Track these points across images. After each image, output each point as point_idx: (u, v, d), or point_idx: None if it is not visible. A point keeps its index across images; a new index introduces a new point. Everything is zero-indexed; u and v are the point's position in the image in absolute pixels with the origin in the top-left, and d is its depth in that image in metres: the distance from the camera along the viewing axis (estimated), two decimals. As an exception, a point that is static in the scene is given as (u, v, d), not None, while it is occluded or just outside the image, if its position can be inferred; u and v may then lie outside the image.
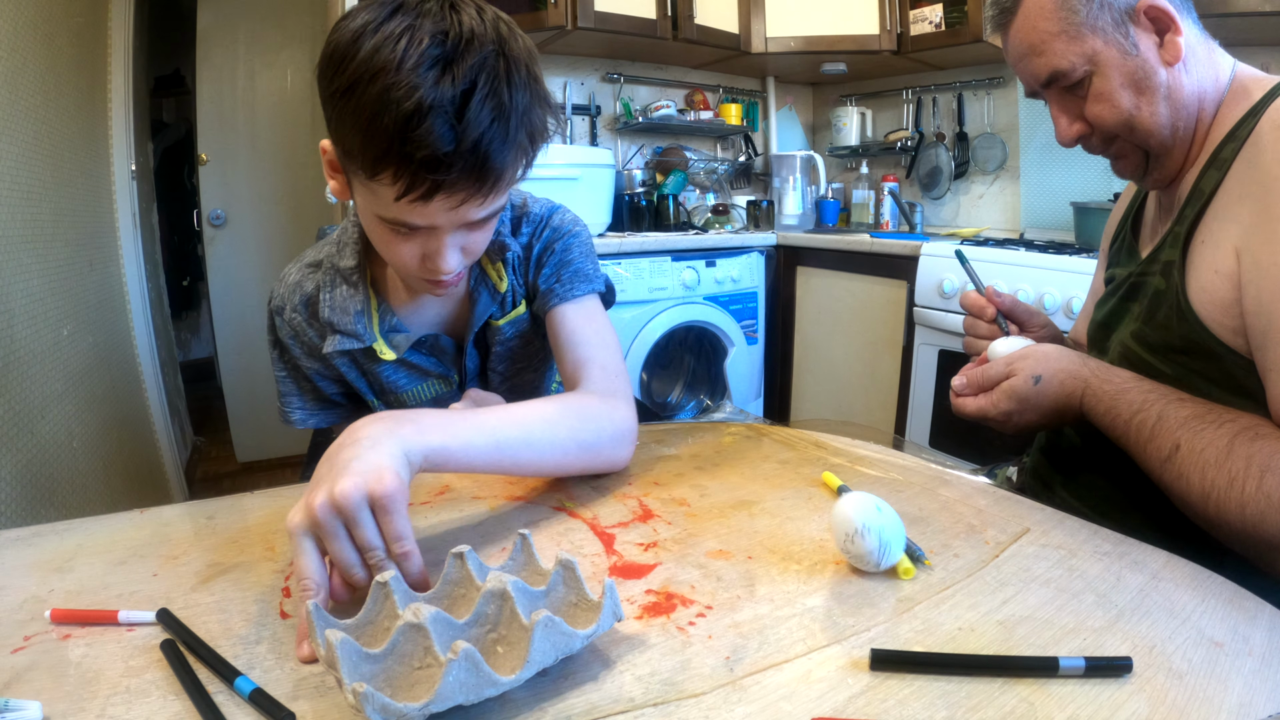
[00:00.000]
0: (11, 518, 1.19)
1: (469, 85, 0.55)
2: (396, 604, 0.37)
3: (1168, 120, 0.65)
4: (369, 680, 0.33)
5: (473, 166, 0.56)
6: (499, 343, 0.81)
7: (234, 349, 2.79)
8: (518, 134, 0.58)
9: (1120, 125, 0.66)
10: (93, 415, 1.70)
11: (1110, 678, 0.35)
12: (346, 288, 0.75)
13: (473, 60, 0.55)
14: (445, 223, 0.61)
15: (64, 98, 1.72)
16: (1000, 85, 2.44)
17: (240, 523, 0.54)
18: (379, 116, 0.54)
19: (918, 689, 0.35)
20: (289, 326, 0.79)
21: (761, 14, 2.47)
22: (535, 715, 0.33)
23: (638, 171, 2.61)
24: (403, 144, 0.54)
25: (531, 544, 0.43)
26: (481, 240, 0.67)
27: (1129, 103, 0.65)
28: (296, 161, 2.76)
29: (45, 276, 1.49)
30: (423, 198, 0.57)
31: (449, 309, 0.80)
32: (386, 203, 0.59)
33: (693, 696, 0.35)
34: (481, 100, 0.55)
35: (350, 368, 0.79)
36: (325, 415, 0.85)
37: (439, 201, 0.58)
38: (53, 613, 0.41)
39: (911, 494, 0.58)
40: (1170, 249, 0.66)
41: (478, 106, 0.55)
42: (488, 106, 0.55)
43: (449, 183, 0.57)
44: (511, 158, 0.59)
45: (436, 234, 0.62)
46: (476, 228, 0.65)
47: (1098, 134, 0.68)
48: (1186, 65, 0.65)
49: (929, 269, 1.88)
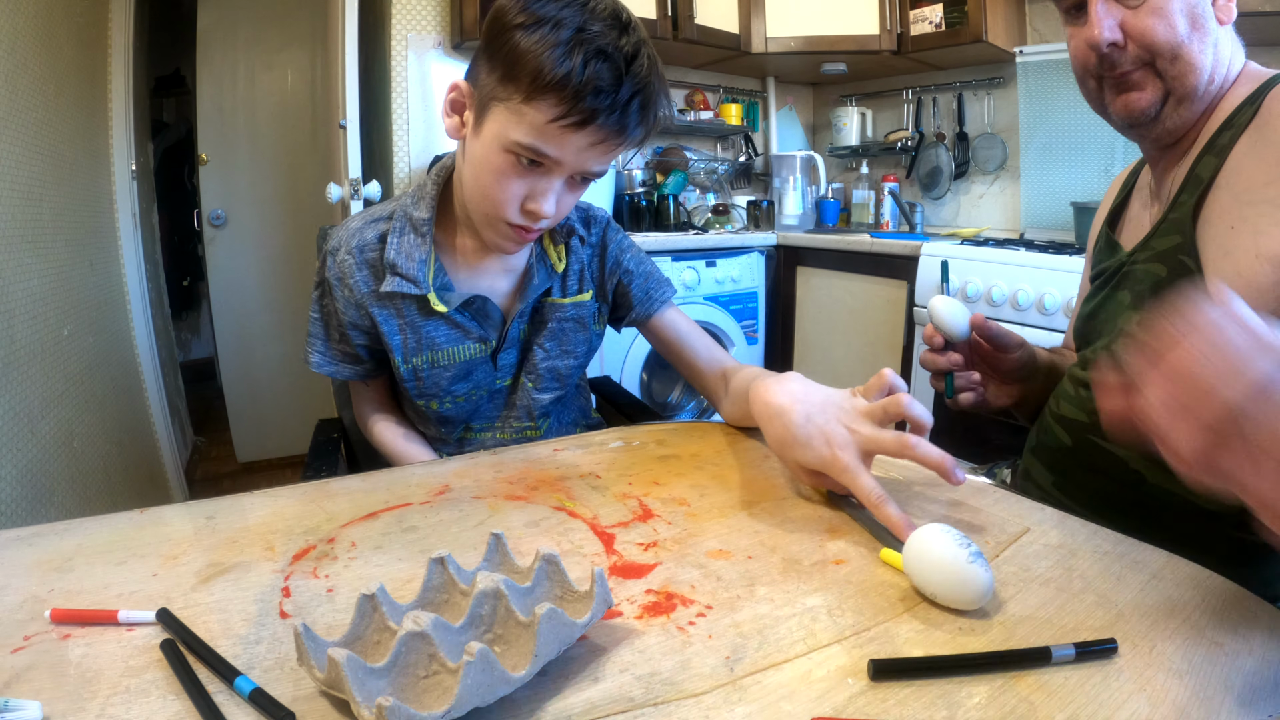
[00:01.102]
0: (11, 517, 1.19)
1: (635, 49, 0.67)
2: (385, 616, 0.37)
3: (1209, 67, 0.64)
4: (376, 695, 0.32)
5: (621, 113, 0.67)
6: (555, 319, 0.87)
7: (234, 349, 2.79)
8: (653, 106, 0.70)
9: (1168, 47, 0.63)
10: (93, 415, 1.70)
11: (1103, 665, 0.35)
12: (414, 236, 0.80)
13: (638, 38, 0.68)
14: (572, 161, 0.70)
15: (64, 98, 1.72)
16: (1000, 85, 2.44)
17: (240, 522, 0.54)
18: (562, 48, 0.64)
19: (917, 689, 0.35)
20: (339, 268, 0.82)
21: (761, 14, 2.47)
22: (535, 715, 0.33)
23: (638, 171, 2.61)
24: (583, 71, 0.64)
25: (505, 543, 0.43)
26: (571, 203, 0.76)
27: (1184, 30, 0.62)
28: (296, 161, 2.75)
29: (45, 276, 1.49)
30: (576, 124, 0.66)
31: (501, 281, 0.85)
32: (535, 126, 0.67)
33: (693, 696, 0.35)
34: (643, 63, 0.67)
35: (392, 318, 0.82)
36: (339, 368, 0.88)
37: (585, 134, 0.67)
38: (52, 612, 0.41)
39: (911, 494, 0.58)
40: (1164, 237, 0.65)
41: (640, 66, 0.67)
42: (643, 75, 0.67)
43: (599, 119, 0.66)
44: (644, 123, 0.70)
45: (552, 174, 0.71)
46: (577, 187, 0.74)
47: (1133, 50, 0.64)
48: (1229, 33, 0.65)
49: (929, 269, 1.88)
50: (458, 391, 0.86)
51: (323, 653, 0.33)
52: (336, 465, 1.01)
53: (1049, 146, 2.27)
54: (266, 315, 2.80)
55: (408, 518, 0.55)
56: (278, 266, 2.79)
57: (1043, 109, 2.25)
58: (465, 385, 0.86)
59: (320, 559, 0.49)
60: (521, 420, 0.90)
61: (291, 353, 2.80)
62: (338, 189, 1.75)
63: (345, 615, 0.42)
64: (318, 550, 0.50)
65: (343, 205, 1.76)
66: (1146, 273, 0.67)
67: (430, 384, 0.85)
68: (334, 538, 0.52)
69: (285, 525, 0.54)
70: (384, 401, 0.95)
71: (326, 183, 1.80)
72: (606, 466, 0.65)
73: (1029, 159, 2.35)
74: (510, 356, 0.87)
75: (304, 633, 0.34)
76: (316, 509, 0.57)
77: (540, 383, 0.88)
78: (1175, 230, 0.63)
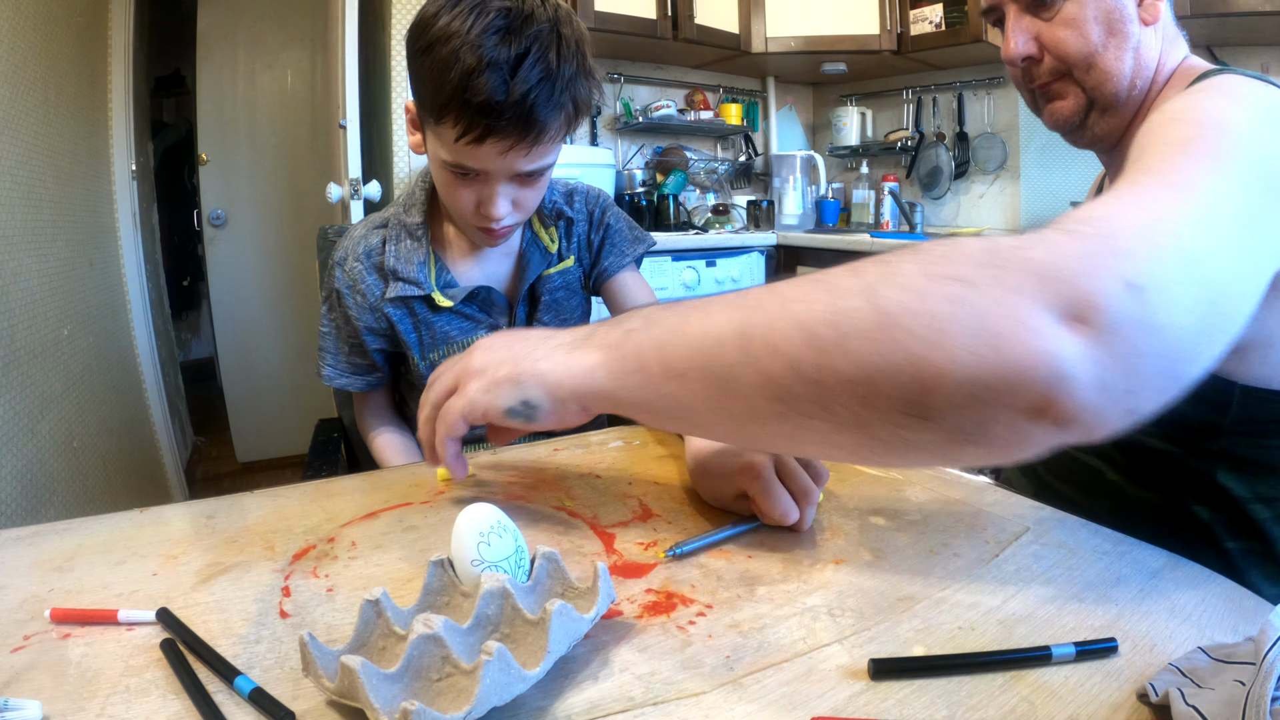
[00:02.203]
0: (11, 517, 1.19)
1: (523, 50, 0.66)
2: (391, 621, 0.36)
3: (1129, 73, 0.63)
4: (392, 701, 0.31)
5: (519, 117, 0.67)
6: (547, 292, 0.89)
7: (234, 349, 2.79)
8: (561, 96, 0.69)
9: (1081, 58, 0.63)
10: (93, 415, 1.70)
11: (1103, 664, 0.35)
12: (410, 241, 0.83)
13: (529, 31, 0.67)
14: (496, 168, 0.72)
15: (64, 98, 1.72)
16: (1000, 85, 2.44)
17: (240, 522, 0.54)
18: (448, 69, 0.66)
19: (918, 688, 0.35)
20: (348, 277, 0.85)
21: (761, 14, 2.47)
22: (535, 714, 0.33)
23: (638, 171, 2.61)
24: (464, 91, 0.65)
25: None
26: (531, 198, 0.78)
27: (1098, 38, 0.62)
28: (296, 161, 2.76)
29: (45, 276, 1.49)
30: (476, 140, 0.68)
31: (501, 267, 0.88)
32: (449, 145, 0.70)
33: (693, 695, 0.35)
34: (532, 63, 0.66)
35: (405, 317, 0.85)
36: (353, 379, 0.90)
37: (490, 145, 0.69)
38: (52, 612, 0.41)
39: (911, 493, 0.58)
40: None
41: (528, 68, 0.66)
42: (537, 68, 0.67)
43: (499, 128, 0.67)
44: (554, 115, 0.69)
45: (490, 181, 0.73)
46: (526, 183, 0.76)
47: (1049, 63, 0.65)
48: (1158, 32, 0.63)
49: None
50: None
51: (330, 662, 0.33)
52: (336, 465, 1.01)
53: (1049, 146, 2.28)
54: (266, 315, 2.80)
55: (408, 517, 0.55)
56: (278, 266, 2.79)
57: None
58: None
59: (320, 558, 0.49)
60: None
61: (292, 353, 2.80)
62: (338, 189, 1.75)
63: (345, 615, 0.42)
64: (318, 550, 0.50)
65: (343, 205, 1.76)
66: None
67: None
68: (334, 537, 0.52)
69: (285, 525, 0.54)
70: (386, 411, 0.96)
71: (326, 183, 1.80)
72: (606, 466, 0.65)
73: (1029, 159, 2.35)
74: None
75: (310, 642, 0.33)
76: (316, 508, 0.57)
77: None
78: None
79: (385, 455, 0.91)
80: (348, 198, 1.71)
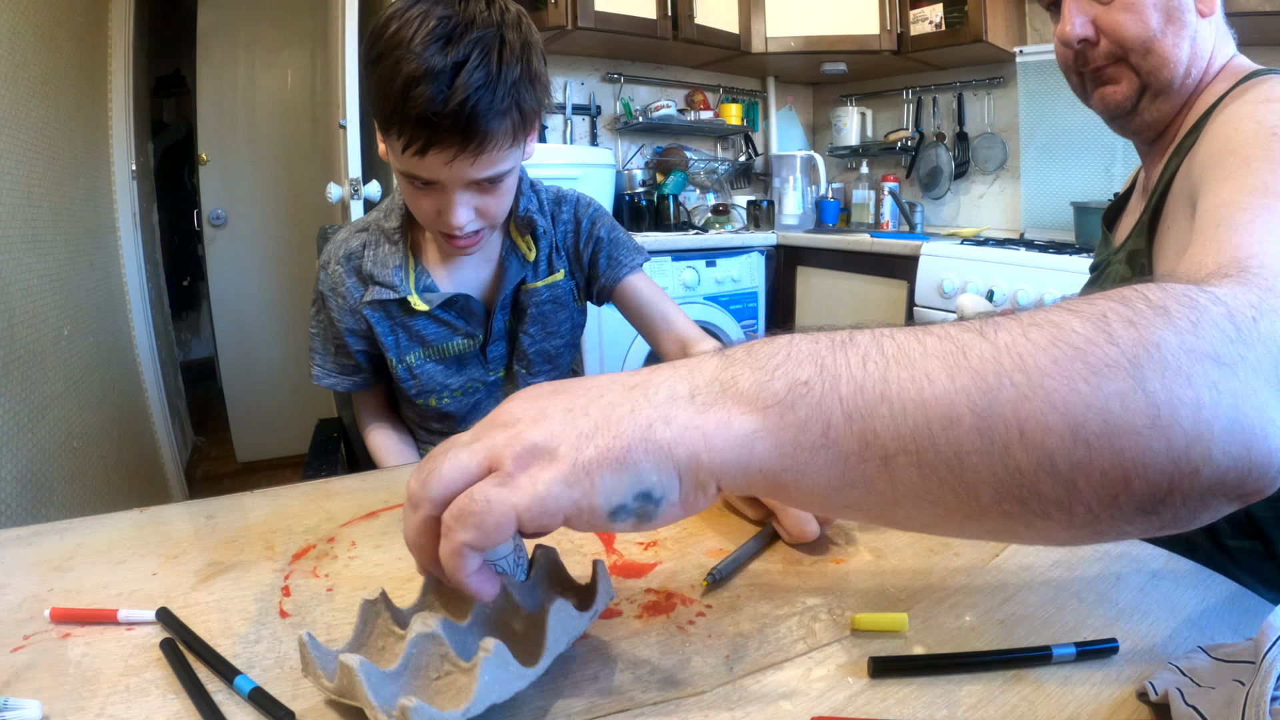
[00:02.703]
0: (11, 517, 1.19)
1: (462, 58, 0.65)
2: (389, 620, 0.36)
3: (1185, 60, 0.62)
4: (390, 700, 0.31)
5: (460, 126, 0.66)
6: (533, 304, 0.88)
7: (234, 349, 2.79)
8: (504, 102, 0.67)
9: (1139, 42, 0.62)
10: (93, 415, 1.70)
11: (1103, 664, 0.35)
12: (388, 245, 0.84)
13: (470, 37, 0.65)
14: (447, 178, 0.70)
15: (64, 98, 1.72)
16: (1000, 85, 2.44)
17: (240, 522, 0.54)
18: (390, 82, 0.65)
19: (918, 688, 0.35)
20: (330, 279, 0.85)
21: (761, 14, 2.47)
22: (534, 713, 0.33)
23: (638, 171, 2.61)
24: (403, 103, 0.64)
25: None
26: (494, 205, 0.76)
27: (1156, 24, 0.62)
28: (296, 161, 2.75)
29: (45, 276, 1.49)
30: (419, 151, 0.67)
31: (481, 275, 0.88)
32: (398, 156, 0.69)
33: (693, 695, 0.35)
34: (471, 69, 0.65)
35: (383, 320, 0.85)
36: (340, 380, 0.90)
37: (433, 155, 0.67)
38: (52, 611, 0.41)
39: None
40: (1136, 237, 0.64)
41: (467, 74, 0.64)
42: (477, 74, 0.65)
43: (439, 139, 0.66)
44: (498, 123, 0.67)
45: (446, 190, 0.72)
46: (486, 190, 0.74)
47: (1105, 46, 0.64)
48: (1212, 25, 0.63)
49: (929, 269, 1.88)
50: (454, 385, 0.88)
51: (330, 661, 0.33)
52: (336, 465, 1.01)
53: (1049, 146, 2.28)
54: (266, 315, 2.80)
55: (408, 517, 0.55)
56: (278, 266, 2.79)
57: (1043, 109, 2.25)
58: (459, 379, 0.88)
59: (320, 558, 0.49)
60: None
61: (292, 353, 2.80)
62: (338, 189, 1.74)
63: (345, 615, 0.42)
64: (318, 549, 0.50)
65: (343, 205, 1.76)
66: (1117, 272, 0.67)
67: (426, 380, 0.87)
68: (334, 537, 0.52)
69: (285, 524, 0.54)
70: (381, 409, 0.97)
71: (326, 183, 1.80)
72: (606, 466, 0.65)
73: (1029, 159, 2.35)
74: (499, 349, 0.89)
75: (309, 642, 0.33)
76: (316, 508, 0.57)
77: (533, 368, 0.90)
78: (1142, 232, 0.63)
79: (379, 454, 0.92)
80: (348, 198, 1.71)
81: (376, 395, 0.96)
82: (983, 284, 1.74)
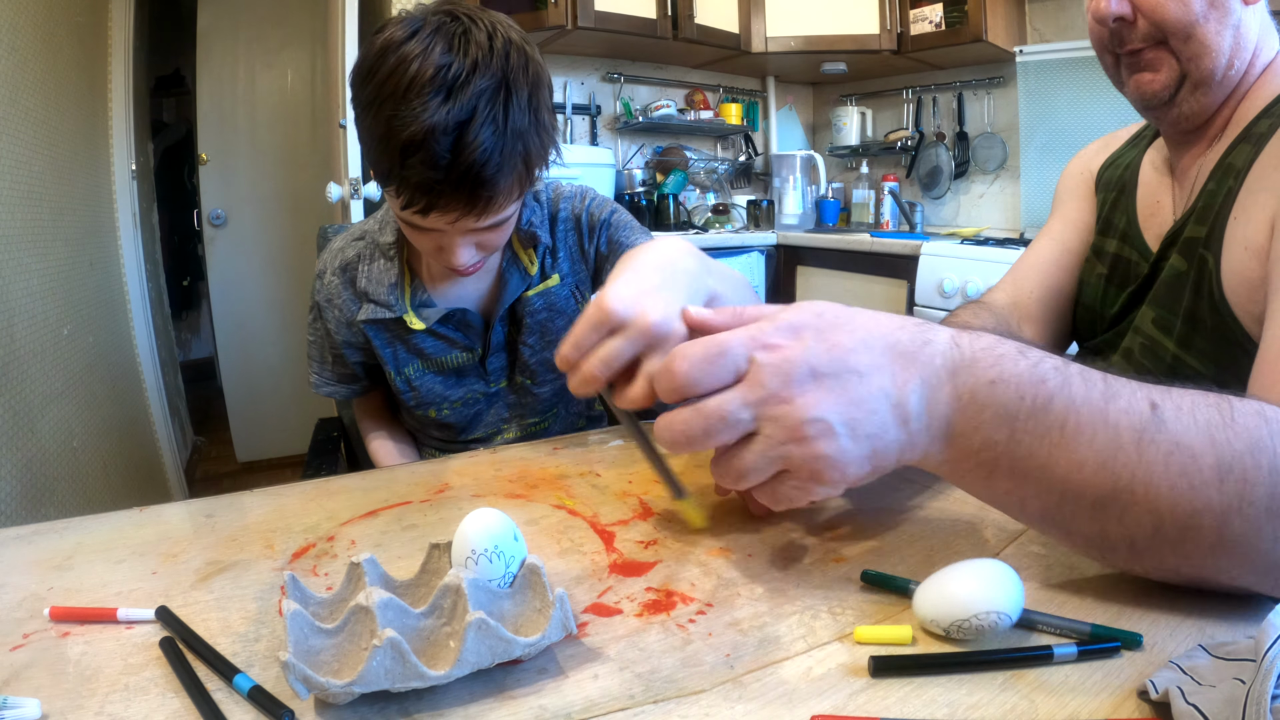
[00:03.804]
0: (11, 517, 1.19)
1: (467, 114, 0.60)
2: (367, 584, 0.38)
3: (1228, 51, 0.59)
4: (319, 653, 0.35)
5: (464, 188, 0.62)
6: (529, 314, 0.85)
7: (234, 349, 2.79)
8: (512, 159, 0.63)
9: (1180, 27, 0.58)
10: (93, 415, 1.70)
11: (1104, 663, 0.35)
12: (384, 261, 0.81)
13: (474, 87, 0.60)
14: (450, 230, 0.67)
15: (64, 98, 1.72)
16: (1000, 85, 2.44)
17: (240, 521, 0.54)
18: (386, 139, 0.60)
19: (918, 687, 0.35)
20: (326, 290, 0.84)
21: (761, 14, 2.47)
22: (534, 712, 0.33)
23: (638, 171, 2.61)
24: (401, 167, 0.60)
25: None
26: (496, 239, 0.73)
27: (1199, 8, 0.58)
28: (296, 161, 2.76)
29: (45, 276, 1.49)
30: (419, 212, 0.64)
31: (479, 288, 0.85)
32: (397, 207, 0.66)
33: (693, 694, 0.35)
34: (478, 128, 0.60)
35: (380, 334, 0.83)
36: (337, 388, 0.89)
37: (434, 216, 0.65)
38: (51, 610, 0.41)
39: (912, 492, 0.58)
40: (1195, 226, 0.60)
41: (474, 134, 0.60)
42: (484, 134, 0.60)
43: (441, 203, 0.63)
44: (504, 181, 0.64)
45: (447, 235, 0.69)
46: (487, 231, 0.70)
47: (1143, 26, 0.60)
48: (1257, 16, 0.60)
49: (929, 268, 1.89)
50: (453, 397, 0.86)
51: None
52: (336, 464, 1.01)
53: (1049, 146, 2.28)
54: (266, 315, 2.80)
55: (407, 516, 0.55)
56: (278, 266, 2.79)
57: (1043, 108, 2.25)
58: (459, 391, 0.86)
59: (320, 557, 0.49)
60: (528, 418, 0.90)
61: (292, 352, 2.80)
62: (338, 189, 1.75)
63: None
64: (317, 548, 0.50)
65: (343, 205, 1.76)
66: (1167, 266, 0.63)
67: (426, 392, 0.85)
68: (334, 536, 0.52)
69: (285, 523, 0.54)
70: (381, 414, 0.96)
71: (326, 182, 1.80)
72: (606, 465, 0.65)
73: (1029, 158, 2.35)
74: (498, 361, 0.86)
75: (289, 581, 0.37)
76: (316, 507, 0.57)
77: (537, 378, 0.88)
78: (1201, 221, 0.59)
79: (380, 462, 0.91)
80: (348, 198, 1.71)
81: (376, 399, 0.95)
82: (982, 284, 1.74)
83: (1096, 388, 0.37)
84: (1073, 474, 0.37)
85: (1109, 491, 0.36)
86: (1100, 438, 0.36)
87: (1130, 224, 0.72)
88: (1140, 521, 0.36)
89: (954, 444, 0.38)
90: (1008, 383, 0.37)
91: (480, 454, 0.69)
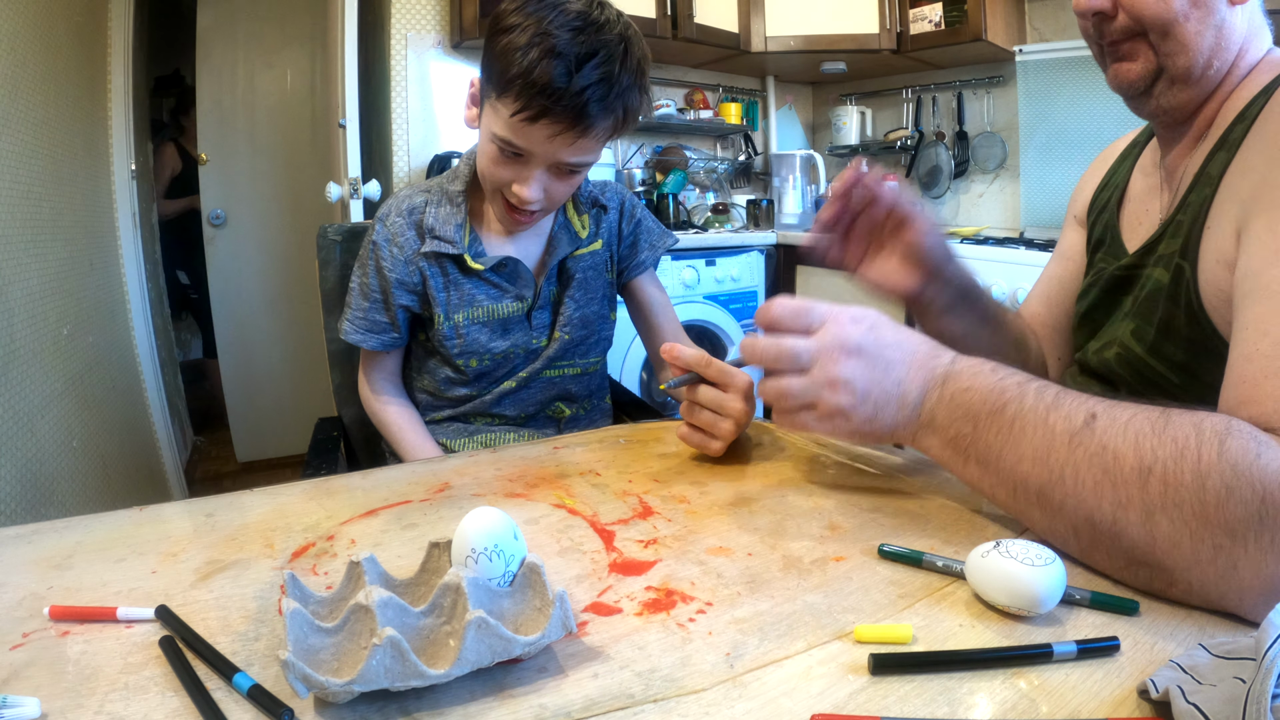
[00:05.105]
0: (11, 517, 1.19)
1: (591, 50, 0.73)
2: (366, 583, 0.38)
3: (1208, 49, 0.59)
4: (318, 652, 0.35)
5: (574, 107, 0.73)
6: (579, 270, 0.95)
7: (234, 349, 2.79)
8: (615, 101, 0.76)
9: (1158, 23, 0.58)
10: (93, 415, 1.70)
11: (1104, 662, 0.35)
12: (450, 206, 0.90)
13: (606, 35, 0.75)
14: (541, 152, 0.77)
15: (64, 98, 1.72)
16: (1000, 84, 2.44)
17: (239, 520, 0.54)
18: (520, 51, 0.72)
19: (918, 685, 0.35)
20: (388, 230, 0.91)
21: (761, 13, 2.46)
22: (534, 711, 0.33)
23: (638, 170, 2.61)
24: (530, 72, 0.72)
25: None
26: (562, 191, 0.83)
27: (1179, 6, 0.58)
28: (296, 161, 2.75)
29: (45, 276, 1.49)
30: (530, 119, 0.74)
31: (532, 246, 0.94)
32: (504, 120, 0.76)
33: (693, 693, 0.35)
34: (597, 64, 0.73)
35: (438, 275, 0.90)
36: (369, 337, 0.93)
37: (541, 127, 0.74)
38: (51, 609, 0.41)
39: (912, 492, 0.58)
40: (1172, 239, 0.61)
41: (592, 67, 0.73)
42: (600, 70, 0.73)
43: (553, 112, 0.73)
44: (603, 116, 0.76)
45: (529, 165, 0.79)
46: (561, 176, 0.81)
47: (1122, 20, 0.60)
48: (1244, 16, 0.60)
49: (929, 268, 1.88)
50: (496, 349, 0.92)
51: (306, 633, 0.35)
52: (336, 464, 1.01)
53: (1049, 145, 2.28)
54: (266, 315, 2.80)
55: (407, 515, 0.55)
56: (278, 266, 2.79)
57: (1042, 108, 2.25)
58: (504, 343, 0.92)
59: (320, 556, 0.49)
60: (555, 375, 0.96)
61: (291, 352, 2.80)
62: (337, 188, 1.75)
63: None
64: (317, 547, 0.50)
65: (342, 205, 1.76)
66: (1150, 278, 0.64)
67: (470, 341, 0.91)
68: (333, 535, 0.52)
69: (284, 522, 0.54)
70: (394, 380, 0.99)
71: (326, 182, 1.80)
72: (606, 464, 0.65)
73: (1029, 158, 2.35)
74: (544, 316, 0.94)
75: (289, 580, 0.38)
76: (316, 506, 0.57)
77: (574, 332, 0.95)
78: (1179, 233, 0.60)
79: (396, 427, 0.94)
80: (347, 197, 1.71)
81: (393, 362, 0.98)
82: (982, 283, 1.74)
83: (1045, 399, 0.46)
84: (1018, 465, 0.46)
85: (1046, 482, 0.44)
86: (1039, 436, 0.45)
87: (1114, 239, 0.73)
88: (1077, 511, 0.43)
89: (937, 432, 0.51)
90: (978, 390, 0.49)
91: (480, 453, 0.69)
